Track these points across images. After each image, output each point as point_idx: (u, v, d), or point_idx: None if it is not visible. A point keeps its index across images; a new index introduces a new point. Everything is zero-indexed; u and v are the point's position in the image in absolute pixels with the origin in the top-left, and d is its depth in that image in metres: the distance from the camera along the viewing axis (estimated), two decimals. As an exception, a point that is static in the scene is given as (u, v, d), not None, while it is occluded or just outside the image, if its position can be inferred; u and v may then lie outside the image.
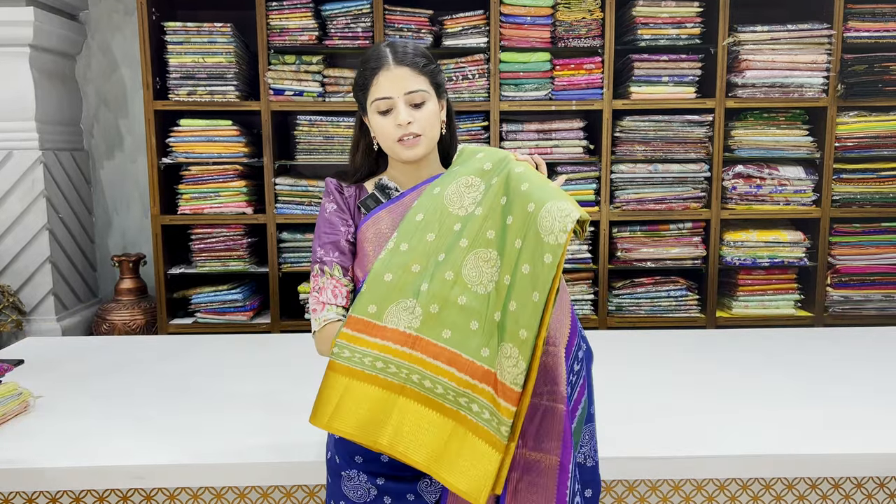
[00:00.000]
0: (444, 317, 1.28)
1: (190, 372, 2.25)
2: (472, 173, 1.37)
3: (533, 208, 1.25)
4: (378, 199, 1.46)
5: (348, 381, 1.29)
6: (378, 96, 1.40)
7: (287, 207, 3.45)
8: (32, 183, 3.42)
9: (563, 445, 1.28)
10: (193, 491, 1.71)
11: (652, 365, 2.28)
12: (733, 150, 3.44)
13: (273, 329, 3.46)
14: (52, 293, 3.51)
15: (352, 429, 1.28)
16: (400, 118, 1.39)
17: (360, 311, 1.32)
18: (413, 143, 1.41)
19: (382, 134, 1.42)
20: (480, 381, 1.25)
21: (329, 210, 1.48)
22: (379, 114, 1.41)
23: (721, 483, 1.74)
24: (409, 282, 1.31)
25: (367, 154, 1.52)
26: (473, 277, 1.29)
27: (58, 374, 2.21)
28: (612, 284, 3.54)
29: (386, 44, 1.44)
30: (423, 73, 1.41)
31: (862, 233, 3.49)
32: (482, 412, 1.24)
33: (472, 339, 1.27)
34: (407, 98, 1.39)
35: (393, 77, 1.39)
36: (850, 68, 3.32)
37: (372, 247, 1.43)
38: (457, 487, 1.21)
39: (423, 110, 1.41)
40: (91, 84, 3.87)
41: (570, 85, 3.39)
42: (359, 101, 1.47)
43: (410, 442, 1.25)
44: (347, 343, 1.31)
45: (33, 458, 1.62)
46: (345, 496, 1.42)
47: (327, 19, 3.36)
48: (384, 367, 1.28)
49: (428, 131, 1.42)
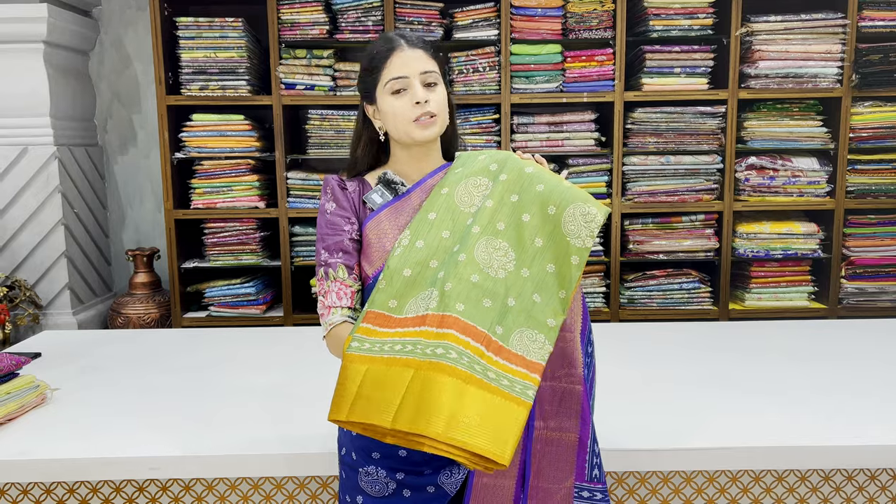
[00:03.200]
0: (458, 292, 1.29)
1: (204, 364, 2.27)
2: (479, 174, 1.41)
3: (554, 211, 1.34)
4: (384, 195, 1.45)
5: (367, 368, 1.27)
6: (393, 76, 1.39)
7: (299, 201, 3.46)
8: (47, 178, 3.45)
9: (581, 423, 1.36)
10: (208, 482, 1.73)
11: (664, 357, 2.28)
12: (746, 141, 3.42)
13: (286, 322, 3.48)
14: (67, 287, 3.54)
15: (372, 414, 1.21)
16: (418, 96, 1.39)
17: (379, 305, 1.32)
18: (429, 123, 1.41)
19: (397, 115, 1.41)
20: (497, 355, 1.26)
21: (330, 210, 1.46)
22: (392, 94, 1.41)
23: (733, 474, 1.74)
24: (428, 276, 1.33)
25: (368, 147, 1.51)
26: (485, 260, 1.32)
27: (74, 367, 2.24)
28: (623, 277, 3.53)
29: (394, 32, 1.45)
30: (434, 57, 1.43)
31: (877, 224, 3.46)
32: (501, 380, 1.24)
33: (486, 314, 1.28)
34: (422, 78, 1.40)
35: (407, 57, 1.40)
36: (865, 58, 3.28)
37: (380, 242, 1.42)
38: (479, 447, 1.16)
39: (437, 92, 1.42)
40: (104, 80, 3.90)
41: (582, 77, 3.38)
42: (366, 87, 1.45)
43: (429, 413, 1.19)
44: (366, 336, 1.30)
45: (51, 449, 1.64)
46: (362, 491, 1.41)
47: (338, 13, 3.36)
48: (402, 348, 1.27)
49: (442, 113, 1.43)
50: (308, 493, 1.75)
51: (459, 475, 1.37)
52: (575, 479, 1.38)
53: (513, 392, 1.22)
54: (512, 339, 1.28)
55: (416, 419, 1.18)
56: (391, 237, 1.42)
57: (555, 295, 1.32)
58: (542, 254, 1.34)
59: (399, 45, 1.41)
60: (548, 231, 1.34)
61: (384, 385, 1.23)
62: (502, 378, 1.24)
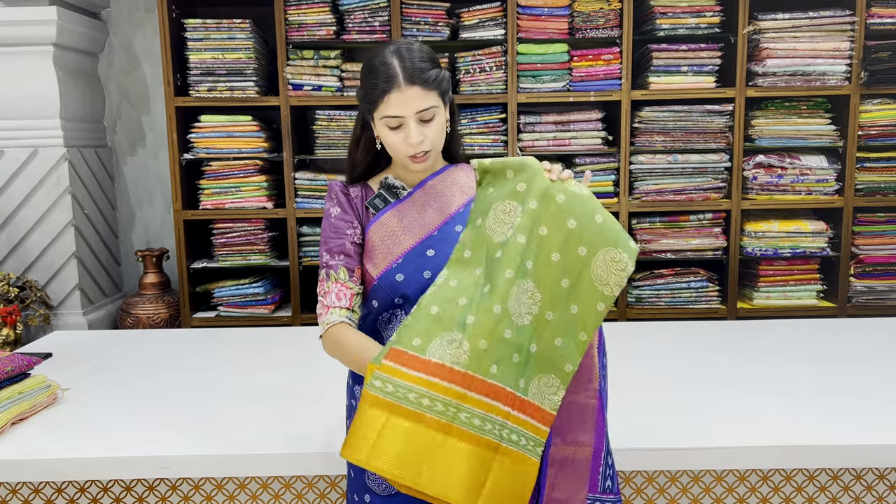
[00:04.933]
0: (493, 352, 1.27)
1: (213, 364, 2.29)
2: (508, 197, 1.36)
3: (585, 253, 1.31)
4: (386, 199, 1.47)
5: (388, 417, 1.25)
6: (389, 114, 1.38)
7: (307, 202, 3.48)
8: (58, 179, 3.48)
9: (596, 436, 1.36)
10: (217, 481, 1.74)
11: (673, 356, 2.28)
12: (754, 139, 3.41)
13: (294, 322, 3.49)
14: (78, 288, 3.57)
15: (391, 467, 1.23)
16: (412, 139, 1.38)
17: (404, 343, 1.29)
18: (423, 159, 1.43)
19: (393, 147, 1.43)
20: (518, 410, 1.29)
21: (334, 215, 1.48)
22: (389, 129, 1.41)
23: (741, 473, 1.74)
24: (455, 315, 1.30)
25: (367, 151, 1.51)
26: (516, 310, 1.30)
27: (85, 367, 2.26)
28: (631, 276, 3.52)
29: (393, 51, 1.39)
30: (432, 88, 1.39)
31: (886, 222, 3.45)
32: (520, 440, 1.28)
33: (513, 370, 1.29)
34: (418, 116, 1.39)
35: (404, 98, 1.36)
36: (874, 55, 3.27)
37: (383, 245, 1.44)
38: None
39: (433, 126, 1.41)
40: (113, 81, 3.92)
41: (589, 76, 3.38)
42: (364, 106, 1.45)
43: (452, 480, 1.23)
44: (390, 377, 1.27)
45: (62, 448, 1.66)
46: (369, 489, 1.43)
47: (345, 14, 3.37)
48: (430, 405, 1.25)
49: (436, 145, 1.44)
50: (317, 492, 1.76)
51: None
52: (588, 491, 1.37)
53: (529, 453, 1.28)
54: (531, 388, 1.30)
55: (435, 482, 1.23)
56: (394, 240, 1.44)
57: (575, 337, 1.31)
58: (567, 296, 1.31)
59: (396, 84, 1.36)
60: (576, 273, 1.31)
61: (408, 443, 1.24)
62: (521, 437, 1.28)
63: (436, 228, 1.47)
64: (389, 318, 1.47)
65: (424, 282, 1.42)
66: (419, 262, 1.44)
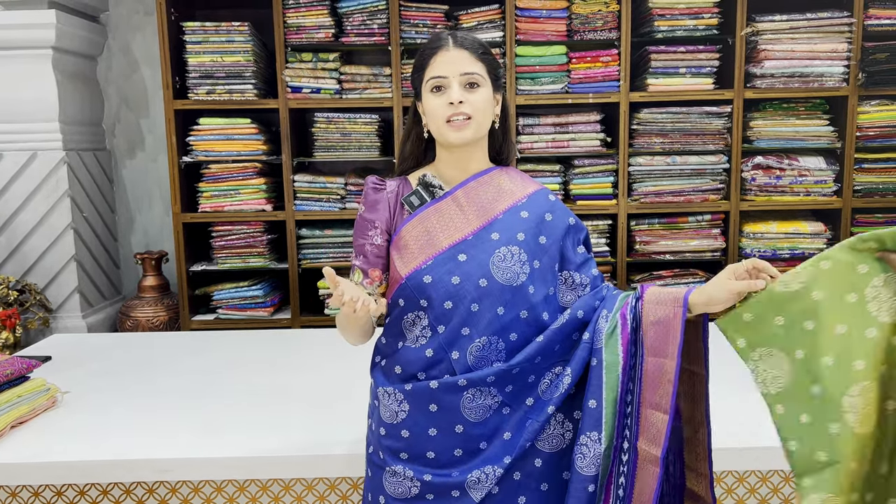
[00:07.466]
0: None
1: (213, 367, 2.29)
2: (853, 290, 1.23)
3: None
4: (423, 197, 1.43)
5: None
6: (433, 75, 1.39)
7: (306, 204, 3.48)
8: (57, 183, 3.48)
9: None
10: (217, 483, 1.74)
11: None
12: (752, 141, 3.41)
13: (293, 324, 3.50)
14: (77, 291, 3.57)
15: None
16: (452, 96, 1.37)
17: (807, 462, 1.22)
18: (461, 125, 1.38)
19: (433, 114, 1.41)
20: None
21: (361, 213, 1.47)
22: (432, 92, 1.40)
23: (740, 475, 1.74)
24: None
25: (416, 144, 1.50)
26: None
27: (84, 370, 2.26)
28: (630, 277, 3.53)
29: (448, 31, 1.45)
30: (480, 59, 1.41)
31: (884, 223, 3.45)
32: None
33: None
34: (462, 79, 1.39)
35: (450, 58, 1.39)
36: (872, 56, 3.27)
37: (416, 244, 1.40)
38: None
39: (477, 93, 1.40)
40: (112, 84, 3.93)
41: (587, 78, 3.38)
42: (414, 84, 1.46)
43: None
44: None
45: (62, 451, 1.66)
46: (385, 491, 1.40)
47: (343, 16, 3.38)
48: None
49: (479, 115, 1.40)
50: (316, 495, 1.76)
51: (487, 482, 1.35)
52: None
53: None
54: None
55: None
56: (427, 240, 1.40)
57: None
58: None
59: (445, 44, 1.40)
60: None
61: None
62: None
63: (471, 233, 1.40)
64: (414, 320, 1.41)
65: (452, 287, 1.37)
66: (449, 266, 1.38)
